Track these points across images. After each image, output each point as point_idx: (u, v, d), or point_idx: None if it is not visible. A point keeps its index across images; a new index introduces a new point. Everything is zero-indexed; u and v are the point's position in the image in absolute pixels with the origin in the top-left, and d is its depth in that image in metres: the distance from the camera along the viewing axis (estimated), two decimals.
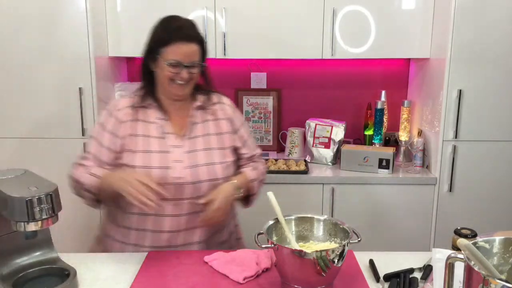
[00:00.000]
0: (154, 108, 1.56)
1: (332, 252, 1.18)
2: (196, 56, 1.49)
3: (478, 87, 2.41)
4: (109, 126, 1.53)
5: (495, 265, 1.02)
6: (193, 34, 1.49)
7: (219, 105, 1.65)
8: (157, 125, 1.54)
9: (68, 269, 1.32)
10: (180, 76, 1.48)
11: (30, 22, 2.35)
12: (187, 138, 1.55)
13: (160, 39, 1.48)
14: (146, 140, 1.52)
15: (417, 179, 2.53)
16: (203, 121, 1.60)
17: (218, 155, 1.57)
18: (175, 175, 1.49)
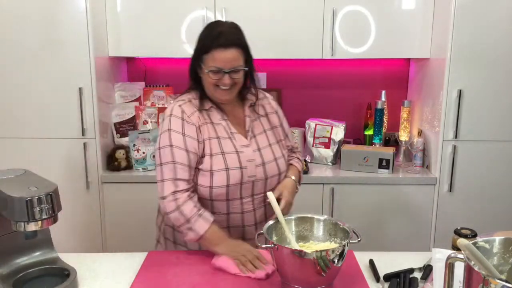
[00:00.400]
0: (214, 110, 1.57)
1: (332, 252, 1.18)
2: (237, 60, 1.47)
3: (478, 87, 2.41)
4: (189, 132, 1.50)
5: (495, 265, 1.02)
6: (233, 39, 1.47)
7: (266, 99, 1.69)
8: (222, 126, 1.55)
9: (68, 269, 1.32)
10: (223, 82, 1.48)
11: (30, 22, 2.35)
12: (252, 137, 1.58)
13: (202, 47, 1.49)
14: (219, 142, 1.53)
15: (417, 179, 2.53)
16: (258, 118, 1.63)
17: (278, 149, 1.62)
18: (249, 174, 1.52)
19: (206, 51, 1.46)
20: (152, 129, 2.64)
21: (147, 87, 2.87)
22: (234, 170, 1.50)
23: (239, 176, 1.50)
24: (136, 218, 2.54)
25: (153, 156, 2.58)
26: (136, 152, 2.54)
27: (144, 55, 2.80)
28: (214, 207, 1.54)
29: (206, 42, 1.47)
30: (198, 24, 2.55)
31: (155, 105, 2.80)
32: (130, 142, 2.53)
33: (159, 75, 2.98)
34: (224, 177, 1.49)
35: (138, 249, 1.59)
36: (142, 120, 2.71)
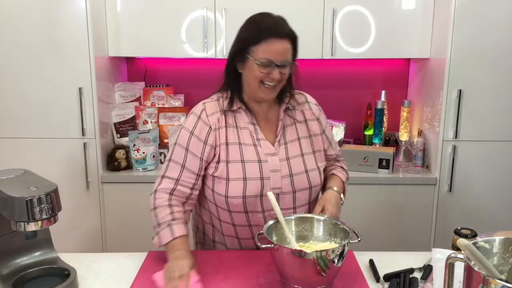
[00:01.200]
0: (242, 112, 1.45)
1: (332, 252, 1.18)
2: (288, 54, 1.37)
3: (478, 87, 2.41)
4: (198, 133, 1.42)
5: (495, 265, 1.02)
6: (287, 30, 1.37)
7: (307, 104, 1.56)
8: (249, 130, 1.44)
9: (68, 269, 1.32)
10: (271, 76, 1.36)
11: (30, 22, 2.35)
12: (281, 144, 1.46)
13: (251, 37, 1.37)
14: (240, 149, 1.42)
15: (417, 179, 2.53)
16: (293, 124, 1.50)
17: (313, 160, 1.49)
18: (272, 186, 1.41)
19: (257, 41, 1.34)
20: (152, 129, 2.64)
21: (147, 87, 2.87)
22: (253, 181, 1.40)
23: (259, 187, 1.40)
24: (136, 218, 2.54)
25: (153, 156, 2.58)
26: (136, 152, 2.54)
27: (144, 55, 2.80)
28: (233, 219, 1.46)
29: (256, 32, 1.36)
30: (198, 24, 2.55)
31: (155, 105, 2.80)
32: (130, 142, 2.53)
33: (159, 75, 2.98)
34: (240, 187, 1.39)
35: (138, 249, 1.59)
36: (142, 120, 2.72)
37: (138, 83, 2.88)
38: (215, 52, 2.58)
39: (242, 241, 1.51)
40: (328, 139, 1.58)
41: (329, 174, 1.59)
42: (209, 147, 1.42)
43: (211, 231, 1.57)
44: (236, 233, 1.50)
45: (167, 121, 2.69)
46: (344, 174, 1.60)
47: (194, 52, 2.59)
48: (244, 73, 1.42)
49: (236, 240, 1.52)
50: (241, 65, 1.41)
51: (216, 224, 1.52)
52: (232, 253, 1.50)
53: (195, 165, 1.42)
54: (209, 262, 1.43)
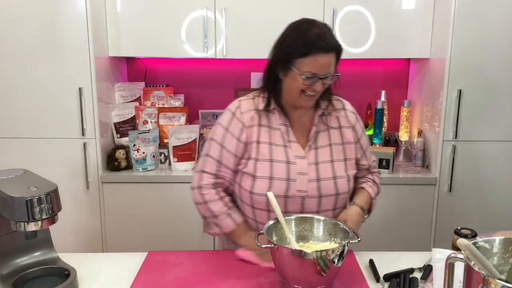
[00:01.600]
0: (277, 113, 1.47)
1: (332, 252, 1.18)
2: (332, 66, 1.36)
3: (478, 87, 2.41)
4: (232, 130, 1.46)
5: (495, 265, 1.02)
6: (333, 43, 1.35)
7: (343, 111, 1.55)
8: (280, 132, 1.46)
9: (68, 269, 1.32)
10: (313, 88, 1.37)
11: (30, 22, 2.35)
12: (311, 148, 1.46)
13: (297, 50, 1.34)
14: (270, 148, 1.44)
15: (417, 179, 2.53)
16: (327, 130, 1.50)
17: (343, 167, 1.48)
18: (298, 188, 1.43)
19: (303, 55, 1.32)
20: (152, 129, 2.64)
21: (147, 87, 2.87)
22: (279, 181, 1.41)
23: (284, 188, 1.42)
24: (136, 218, 2.54)
25: (153, 156, 2.58)
26: (136, 152, 2.54)
27: (144, 55, 2.80)
28: (256, 215, 1.49)
29: (302, 45, 1.33)
30: (198, 24, 2.55)
31: (155, 105, 2.80)
32: (130, 142, 2.53)
33: (159, 75, 2.98)
34: (266, 185, 1.42)
35: (138, 249, 1.59)
36: (142, 120, 2.72)
37: (138, 83, 2.88)
38: (215, 52, 2.58)
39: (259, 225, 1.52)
40: (363, 149, 1.56)
41: (359, 187, 1.57)
42: (242, 144, 1.46)
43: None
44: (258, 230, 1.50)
45: (167, 121, 2.69)
46: (374, 189, 1.58)
47: (194, 52, 2.59)
48: (285, 81, 1.42)
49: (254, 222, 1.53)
50: (283, 73, 1.40)
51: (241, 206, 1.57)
52: (232, 253, 1.50)
53: (229, 161, 1.47)
54: (209, 262, 1.43)
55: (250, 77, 2.97)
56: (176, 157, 2.56)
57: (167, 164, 2.65)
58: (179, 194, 2.50)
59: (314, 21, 1.39)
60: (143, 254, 1.49)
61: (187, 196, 2.50)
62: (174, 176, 2.52)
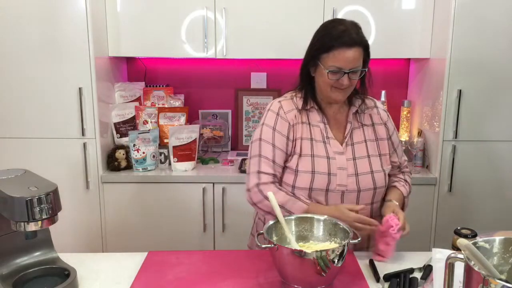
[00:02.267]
0: (315, 111, 1.54)
1: (332, 252, 1.18)
2: (358, 61, 1.43)
3: (478, 87, 2.41)
4: (280, 129, 1.51)
5: (495, 265, 1.02)
6: (357, 38, 1.41)
7: (376, 109, 1.62)
8: (319, 128, 1.52)
9: (68, 269, 1.32)
10: (340, 82, 1.43)
11: (30, 22, 2.35)
12: (348, 144, 1.52)
13: (322, 46, 1.43)
14: (311, 144, 1.50)
15: (417, 179, 2.53)
16: (361, 127, 1.56)
17: (379, 162, 1.54)
18: (338, 183, 1.48)
19: (327, 50, 1.41)
20: (152, 129, 2.64)
21: (147, 87, 2.87)
22: (321, 175, 1.47)
23: (326, 182, 1.47)
24: (136, 218, 2.54)
25: (153, 156, 2.58)
26: (136, 152, 2.54)
27: (144, 55, 2.80)
28: None
29: (327, 40, 1.41)
30: (198, 24, 2.55)
31: (155, 105, 2.80)
32: (130, 142, 2.53)
33: (159, 75, 2.98)
34: (308, 179, 1.47)
35: (138, 249, 1.59)
36: (142, 120, 2.72)
37: (138, 83, 2.88)
38: (215, 52, 2.58)
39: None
40: (394, 146, 1.61)
41: (391, 186, 1.61)
42: (290, 142, 1.51)
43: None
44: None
45: (167, 121, 2.69)
46: (406, 189, 1.62)
47: (194, 52, 2.59)
48: (316, 77, 1.50)
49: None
50: (314, 70, 1.49)
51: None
52: (232, 253, 1.50)
53: (281, 160, 1.51)
54: (209, 262, 1.43)
55: (250, 77, 2.97)
56: (176, 157, 2.56)
57: (167, 164, 2.65)
58: (179, 194, 2.50)
59: (342, 20, 1.47)
60: (143, 254, 1.49)
61: (187, 196, 2.52)
62: (174, 176, 2.52)
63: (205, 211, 2.52)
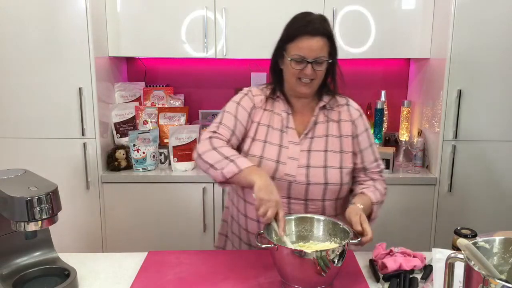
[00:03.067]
0: (281, 101, 1.54)
1: (332, 252, 1.18)
2: (322, 51, 1.41)
3: (478, 87, 2.41)
4: (244, 105, 1.53)
5: (495, 265, 1.02)
6: (320, 27, 1.41)
7: (347, 107, 1.56)
8: (281, 117, 1.52)
9: (68, 269, 1.32)
10: (304, 72, 1.42)
11: (30, 22, 2.35)
12: (307, 137, 1.51)
13: (287, 36, 1.45)
14: (267, 130, 1.51)
15: (417, 179, 2.53)
16: (326, 122, 1.53)
17: (336, 158, 1.49)
18: (287, 172, 1.46)
19: (291, 39, 1.42)
20: (152, 129, 2.64)
21: (147, 87, 2.87)
22: (269, 161, 1.46)
23: (273, 169, 1.45)
24: (136, 218, 2.54)
25: (153, 156, 2.58)
26: (136, 152, 2.54)
27: (144, 55, 2.80)
28: (245, 194, 1.53)
29: (292, 30, 1.44)
30: (198, 24, 2.55)
31: (155, 105, 2.80)
32: (130, 142, 2.53)
33: (159, 75, 2.98)
34: (255, 164, 1.43)
35: (138, 249, 1.59)
36: (142, 120, 2.72)
37: (138, 83, 2.88)
38: (215, 52, 2.58)
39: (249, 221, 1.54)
40: (360, 146, 1.53)
41: (358, 192, 1.52)
42: (250, 121, 1.52)
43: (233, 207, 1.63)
44: (245, 211, 1.54)
45: (167, 121, 2.69)
46: (376, 195, 1.51)
47: (194, 52, 2.59)
48: (283, 69, 1.50)
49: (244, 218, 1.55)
50: (281, 61, 1.50)
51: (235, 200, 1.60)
52: (232, 253, 1.50)
53: (240, 133, 1.51)
54: (209, 262, 1.43)
55: (250, 77, 2.97)
56: (176, 157, 2.56)
57: (167, 164, 2.65)
58: (179, 194, 2.50)
59: (310, 12, 1.47)
60: (143, 254, 1.49)
61: (187, 196, 2.52)
62: (174, 176, 2.52)
63: (205, 211, 2.52)
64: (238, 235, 1.61)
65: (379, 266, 1.39)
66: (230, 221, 1.65)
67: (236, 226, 1.61)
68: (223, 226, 1.72)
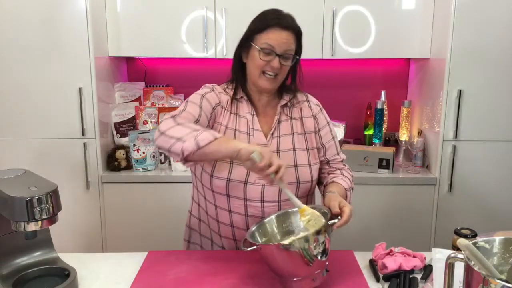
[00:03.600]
0: (244, 102, 1.52)
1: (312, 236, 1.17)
2: (291, 45, 1.43)
3: (478, 87, 2.41)
4: (209, 98, 1.47)
5: (495, 265, 1.02)
6: (291, 23, 1.44)
7: (307, 102, 1.59)
8: (246, 120, 1.50)
9: (68, 269, 1.32)
10: (271, 65, 1.41)
11: (30, 22, 2.35)
12: (274, 137, 1.50)
13: (257, 27, 1.44)
14: (235, 134, 1.48)
15: (417, 179, 2.53)
16: (289, 120, 1.54)
17: (304, 156, 1.50)
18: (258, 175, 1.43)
19: (262, 29, 1.42)
20: (152, 129, 2.64)
21: (147, 87, 2.87)
22: (240, 166, 1.41)
23: (244, 173, 1.42)
24: (136, 218, 2.54)
25: (153, 156, 2.58)
26: (136, 152, 2.54)
27: (144, 55, 2.80)
28: (216, 200, 1.49)
29: (262, 21, 1.44)
30: (198, 24, 2.55)
31: (155, 105, 2.80)
32: (130, 142, 2.53)
33: (159, 75, 2.98)
34: (226, 170, 1.43)
35: (138, 249, 1.59)
36: (142, 120, 2.72)
37: (138, 83, 2.88)
38: (215, 52, 2.58)
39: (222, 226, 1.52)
40: (322, 140, 1.56)
41: (329, 181, 1.53)
42: (213, 117, 1.47)
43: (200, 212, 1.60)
44: (217, 216, 1.52)
45: None
46: (347, 182, 1.54)
47: (194, 52, 2.59)
48: (248, 63, 1.49)
49: (216, 223, 1.53)
50: (246, 54, 1.48)
51: (202, 203, 1.56)
52: (232, 253, 1.50)
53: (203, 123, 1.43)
54: (209, 262, 1.43)
55: None
56: None
57: (167, 164, 2.65)
58: (179, 194, 2.50)
59: (280, 9, 1.49)
60: (143, 254, 1.49)
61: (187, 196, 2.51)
62: (174, 176, 2.52)
63: None
64: (210, 238, 1.59)
65: (379, 266, 1.39)
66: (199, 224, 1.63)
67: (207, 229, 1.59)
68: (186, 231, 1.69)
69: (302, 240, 1.17)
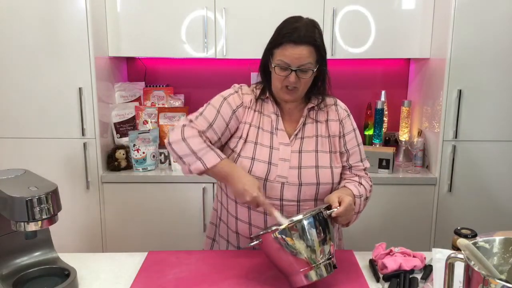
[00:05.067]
0: (270, 102, 1.53)
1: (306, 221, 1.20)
2: (306, 59, 1.40)
3: (478, 87, 2.41)
4: (231, 101, 1.51)
5: (495, 265, 1.02)
6: (305, 36, 1.39)
7: (334, 106, 1.58)
8: (270, 119, 1.51)
9: (68, 269, 1.32)
10: (288, 80, 1.41)
11: (30, 22, 2.35)
12: (297, 138, 1.50)
13: (274, 41, 1.45)
14: (258, 132, 1.50)
15: (417, 179, 2.53)
16: (314, 122, 1.54)
17: (327, 158, 1.50)
18: (279, 174, 1.45)
19: (277, 45, 1.42)
20: (152, 129, 2.64)
21: (147, 87, 2.87)
22: (260, 163, 1.45)
23: (265, 171, 1.44)
24: (136, 218, 2.54)
25: (153, 156, 2.58)
26: (136, 152, 2.54)
27: (144, 55, 2.80)
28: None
29: (278, 36, 1.43)
30: (198, 24, 2.55)
31: (155, 105, 2.80)
32: (130, 142, 2.53)
33: (159, 75, 2.98)
34: (248, 166, 1.45)
35: (138, 249, 1.59)
36: (142, 120, 2.72)
37: (138, 83, 2.88)
38: (215, 52, 2.58)
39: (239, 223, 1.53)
40: (346, 145, 1.54)
41: (341, 186, 1.52)
42: (235, 118, 1.50)
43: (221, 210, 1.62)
44: (236, 213, 1.53)
45: (167, 121, 2.69)
46: (359, 189, 1.48)
47: (194, 52, 2.59)
48: (271, 72, 1.49)
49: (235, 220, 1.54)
50: (270, 64, 1.49)
51: (224, 200, 1.58)
52: (232, 253, 1.50)
53: (220, 128, 1.48)
54: (209, 262, 1.43)
55: (250, 77, 2.97)
56: None
57: (167, 164, 2.65)
58: (179, 194, 2.50)
59: (300, 17, 1.47)
60: (143, 254, 1.49)
61: (187, 196, 2.52)
62: (174, 176, 2.52)
63: (205, 211, 2.52)
64: (226, 238, 1.60)
65: (379, 266, 1.39)
66: (218, 223, 1.64)
67: (224, 229, 1.60)
68: (210, 228, 1.70)
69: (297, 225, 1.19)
